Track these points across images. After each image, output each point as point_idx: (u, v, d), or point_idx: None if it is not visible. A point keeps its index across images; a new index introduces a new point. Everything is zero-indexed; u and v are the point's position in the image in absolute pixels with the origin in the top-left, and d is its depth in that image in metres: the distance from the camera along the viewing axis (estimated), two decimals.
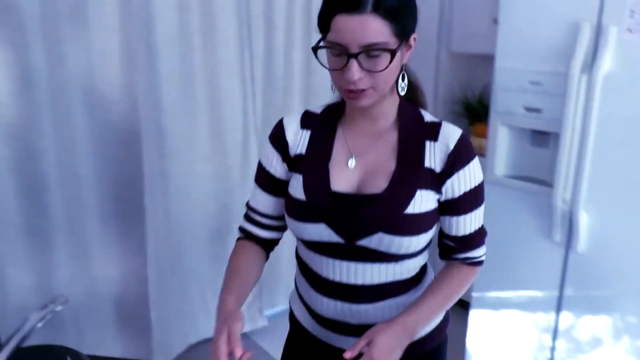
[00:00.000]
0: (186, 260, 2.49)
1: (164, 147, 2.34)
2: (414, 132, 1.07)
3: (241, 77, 2.50)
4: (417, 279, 1.15)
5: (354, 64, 0.94)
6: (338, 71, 0.97)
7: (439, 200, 1.07)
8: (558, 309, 2.02)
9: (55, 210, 2.07)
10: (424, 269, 1.17)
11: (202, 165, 2.47)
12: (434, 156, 1.05)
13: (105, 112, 2.15)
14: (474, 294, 2.28)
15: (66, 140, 2.06)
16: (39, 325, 1.04)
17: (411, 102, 1.12)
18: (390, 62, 0.95)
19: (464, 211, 1.08)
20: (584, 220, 1.89)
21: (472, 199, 1.08)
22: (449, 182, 1.05)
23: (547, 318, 2.06)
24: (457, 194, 1.06)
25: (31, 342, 1.98)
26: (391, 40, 0.94)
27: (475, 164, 1.07)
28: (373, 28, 0.91)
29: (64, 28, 1.99)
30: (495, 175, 2.16)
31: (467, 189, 1.06)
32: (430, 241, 1.12)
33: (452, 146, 1.05)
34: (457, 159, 1.04)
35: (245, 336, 1.54)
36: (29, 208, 2.01)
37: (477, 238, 1.13)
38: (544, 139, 2.08)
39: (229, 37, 2.42)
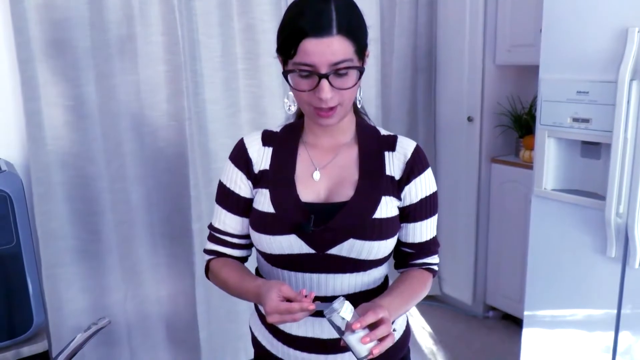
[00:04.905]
0: None
1: (210, 170, 2.40)
2: (372, 144, 1.14)
3: (284, 99, 2.54)
4: (382, 288, 1.17)
5: (325, 84, 0.99)
6: (308, 92, 1.01)
7: (398, 208, 1.12)
8: (617, 328, 1.92)
9: (108, 234, 2.15)
10: (386, 280, 1.21)
11: None
12: (393, 165, 1.12)
13: (153, 139, 2.23)
14: (527, 312, 2.20)
15: (117, 167, 2.15)
16: (84, 345, 1.09)
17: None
18: (359, 78, 1.03)
19: (421, 218, 1.14)
20: None
21: (428, 206, 1.14)
22: (406, 188, 1.12)
23: (605, 337, 1.96)
24: (415, 200, 1.13)
25: None
26: (354, 58, 1.01)
27: (430, 173, 1.14)
28: (340, 48, 0.98)
29: (113, 60, 2.08)
30: (544, 189, 2.09)
31: (424, 195, 1.13)
32: (392, 251, 1.16)
33: (409, 155, 1.12)
34: (414, 167, 1.12)
35: None
36: (83, 232, 2.10)
37: (432, 246, 1.19)
38: (594, 150, 2.00)
39: (271, 62, 2.48)
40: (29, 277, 1.57)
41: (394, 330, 0.96)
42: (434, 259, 1.20)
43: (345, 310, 0.91)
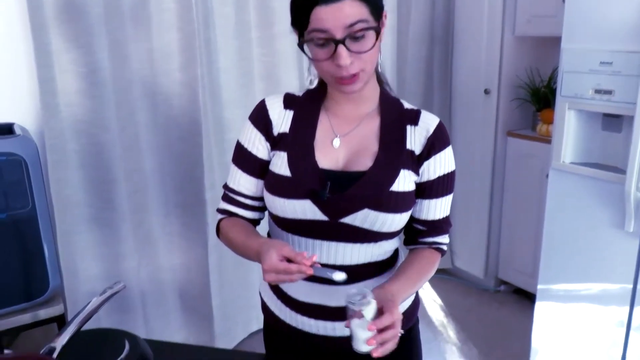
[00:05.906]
0: None
1: (224, 140, 2.39)
2: (395, 117, 1.12)
3: (298, 68, 2.51)
4: (391, 261, 1.18)
5: (343, 49, 0.96)
6: (327, 61, 0.99)
7: (415, 183, 1.11)
8: (632, 303, 1.90)
9: (121, 202, 2.16)
10: (396, 252, 1.20)
11: None
12: (414, 139, 1.11)
13: (167, 107, 2.21)
14: (540, 286, 2.19)
15: (130, 135, 2.14)
16: (99, 308, 1.09)
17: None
18: (377, 39, 0.99)
19: (436, 195, 1.13)
20: None
21: (445, 184, 1.13)
22: (425, 164, 1.10)
23: (620, 312, 1.95)
24: (432, 177, 1.11)
25: (101, 326, 2.07)
26: (370, 19, 0.98)
27: (450, 151, 1.13)
28: (353, 11, 0.95)
29: (126, 27, 2.06)
30: (563, 162, 2.05)
31: (442, 173, 1.12)
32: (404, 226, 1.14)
33: (431, 130, 1.10)
34: (435, 143, 1.10)
35: None
36: (97, 200, 2.11)
37: (444, 225, 1.18)
38: (615, 122, 1.96)
39: (285, 30, 2.43)
40: (45, 242, 1.58)
41: (402, 332, 0.94)
42: (444, 239, 1.19)
43: (369, 310, 0.90)
